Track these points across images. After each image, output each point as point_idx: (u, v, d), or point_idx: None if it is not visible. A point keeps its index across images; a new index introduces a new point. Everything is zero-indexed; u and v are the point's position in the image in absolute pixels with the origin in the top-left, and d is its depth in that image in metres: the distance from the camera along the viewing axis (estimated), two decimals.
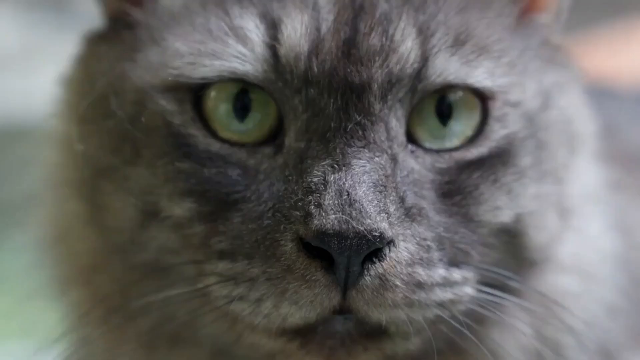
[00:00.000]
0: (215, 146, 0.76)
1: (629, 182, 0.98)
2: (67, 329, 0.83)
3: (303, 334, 0.75)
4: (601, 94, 1.22)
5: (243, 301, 0.74)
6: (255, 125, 0.77)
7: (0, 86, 2.09)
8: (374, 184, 0.72)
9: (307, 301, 0.73)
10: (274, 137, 0.76)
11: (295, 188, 0.73)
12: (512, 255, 0.81)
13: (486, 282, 0.79)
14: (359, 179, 0.72)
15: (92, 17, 0.86)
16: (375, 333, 0.75)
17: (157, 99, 0.77)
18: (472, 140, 0.78)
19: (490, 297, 0.78)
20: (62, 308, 0.86)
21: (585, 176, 0.88)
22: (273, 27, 0.76)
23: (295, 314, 0.73)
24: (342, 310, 0.73)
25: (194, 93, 0.77)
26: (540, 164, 0.81)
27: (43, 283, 0.87)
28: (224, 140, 0.76)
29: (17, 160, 0.90)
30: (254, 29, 0.76)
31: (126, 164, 0.78)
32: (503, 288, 0.79)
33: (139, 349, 0.83)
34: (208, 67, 0.76)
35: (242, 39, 0.76)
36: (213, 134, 0.77)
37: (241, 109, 0.76)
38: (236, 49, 0.75)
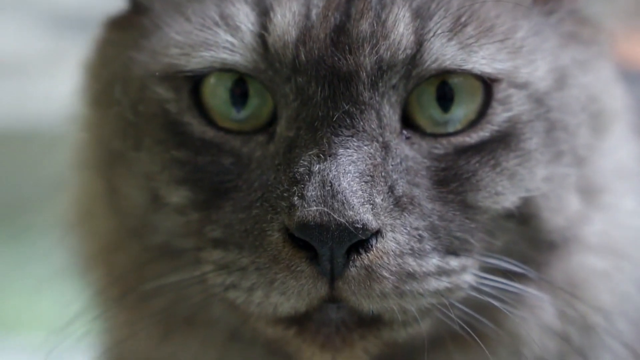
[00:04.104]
0: (209, 134, 0.76)
1: None
2: (85, 306, 0.85)
3: (299, 322, 0.75)
4: None
5: (237, 289, 0.74)
6: (252, 113, 0.76)
7: (22, 90, 2.12)
8: (360, 174, 0.71)
9: (294, 292, 0.72)
10: (269, 125, 0.76)
11: (282, 178, 0.73)
12: (526, 240, 0.79)
13: (495, 270, 0.77)
14: (344, 169, 0.71)
15: None
16: (371, 321, 0.75)
17: (155, 86, 0.78)
18: (474, 124, 0.75)
19: (497, 285, 0.76)
20: (82, 286, 0.87)
21: (618, 152, 0.85)
22: (263, 15, 0.75)
23: (285, 304, 0.73)
24: (334, 299, 0.73)
25: (192, 81, 0.76)
26: (553, 145, 0.78)
27: (65, 263, 0.88)
28: (219, 128, 0.76)
29: (36, 162, 0.91)
30: (244, 18, 0.75)
31: (131, 150, 0.79)
32: (513, 274, 0.77)
33: (155, 328, 0.83)
34: (199, 59, 0.75)
35: (233, 28, 0.75)
36: (209, 121, 0.76)
37: (240, 96, 0.76)
38: (225, 39, 0.75)
